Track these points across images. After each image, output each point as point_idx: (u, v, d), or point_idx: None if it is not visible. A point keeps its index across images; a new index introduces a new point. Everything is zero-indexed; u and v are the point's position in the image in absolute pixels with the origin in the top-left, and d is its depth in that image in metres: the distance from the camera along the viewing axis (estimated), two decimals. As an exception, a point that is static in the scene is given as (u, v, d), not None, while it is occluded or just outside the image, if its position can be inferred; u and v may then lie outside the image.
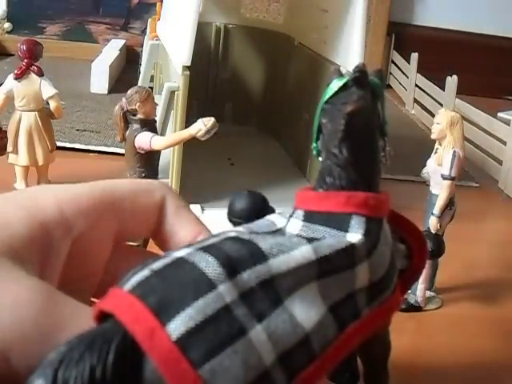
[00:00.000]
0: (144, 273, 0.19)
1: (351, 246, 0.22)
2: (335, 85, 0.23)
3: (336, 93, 0.23)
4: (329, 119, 0.23)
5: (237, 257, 0.20)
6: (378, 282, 0.23)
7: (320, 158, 0.24)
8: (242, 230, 0.22)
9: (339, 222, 0.22)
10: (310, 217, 0.23)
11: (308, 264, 0.21)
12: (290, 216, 0.23)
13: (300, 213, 0.23)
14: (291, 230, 0.22)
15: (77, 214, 0.23)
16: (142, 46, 1.28)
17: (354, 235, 0.22)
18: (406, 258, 0.26)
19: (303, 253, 0.21)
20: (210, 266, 0.19)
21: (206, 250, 0.20)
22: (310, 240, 0.21)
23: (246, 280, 0.19)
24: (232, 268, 0.19)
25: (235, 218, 0.24)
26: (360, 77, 0.23)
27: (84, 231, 0.23)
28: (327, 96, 0.24)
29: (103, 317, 0.19)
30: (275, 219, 0.23)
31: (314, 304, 0.21)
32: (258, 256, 0.20)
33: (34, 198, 0.23)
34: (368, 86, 0.23)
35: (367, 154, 0.23)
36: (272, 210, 0.25)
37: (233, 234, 0.21)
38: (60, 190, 0.24)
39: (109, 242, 0.25)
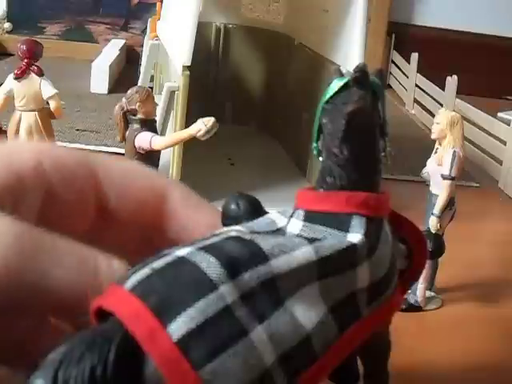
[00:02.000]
0: (144, 271, 0.19)
1: (352, 247, 0.22)
2: (336, 84, 0.23)
3: (336, 93, 0.23)
4: (329, 119, 0.23)
5: (238, 257, 0.20)
6: (379, 282, 0.23)
7: (320, 158, 0.24)
8: (242, 230, 0.22)
9: (340, 222, 0.22)
10: (310, 217, 0.23)
11: (309, 264, 0.21)
12: (291, 216, 0.23)
13: (300, 213, 0.23)
14: (292, 230, 0.22)
15: (54, 169, 0.23)
16: (142, 45, 1.28)
17: (355, 235, 0.22)
18: (406, 258, 0.26)
19: (304, 253, 0.21)
20: (211, 267, 0.19)
21: (208, 249, 0.20)
22: (310, 240, 0.21)
23: (247, 281, 0.19)
24: (233, 268, 0.19)
25: (229, 221, 0.24)
26: (360, 77, 0.23)
27: (58, 187, 0.23)
28: (328, 96, 0.24)
29: (102, 314, 0.19)
30: (276, 218, 0.23)
31: (315, 305, 0.21)
32: (260, 256, 0.20)
33: (13, 151, 0.23)
34: (369, 86, 0.23)
35: (368, 154, 0.23)
36: (266, 213, 0.25)
37: (234, 234, 0.21)
38: (43, 147, 0.24)
39: (86, 210, 0.24)
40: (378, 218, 0.23)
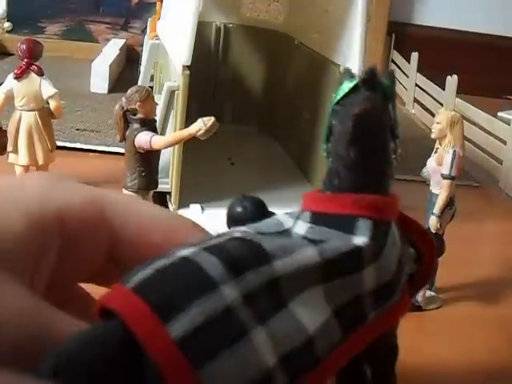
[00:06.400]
0: (148, 271, 0.19)
1: (357, 249, 0.22)
2: (346, 86, 0.23)
3: (347, 94, 0.23)
4: (338, 121, 0.23)
5: (240, 257, 0.20)
6: (385, 286, 0.23)
7: (330, 160, 0.24)
8: (248, 231, 0.22)
9: (345, 225, 0.22)
10: (316, 219, 0.23)
11: (313, 266, 0.21)
12: (297, 217, 0.23)
13: (307, 214, 0.23)
14: (298, 232, 0.22)
15: (73, 224, 0.22)
16: (142, 45, 1.28)
17: (361, 238, 0.22)
18: (416, 262, 0.26)
19: (308, 255, 0.21)
20: (213, 267, 0.19)
21: (210, 250, 0.20)
22: (315, 242, 0.21)
23: (249, 281, 0.19)
24: (235, 269, 0.19)
25: (234, 223, 0.24)
26: (369, 78, 0.23)
27: (74, 241, 0.23)
28: (338, 97, 0.23)
29: (106, 312, 0.19)
30: (283, 220, 0.23)
31: (319, 307, 0.21)
32: (262, 257, 0.20)
33: (37, 203, 0.22)
34: (378, 87, 0.23)
35: (376, 157, 0.23)
36: (272, 214, 0.25)
37: (238, 235, 0.21)
38: (63, 197, 0.23)
39: (97, 258, 0.24)
40: (386, 221, 0.23)
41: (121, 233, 0.24)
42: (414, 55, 1.52)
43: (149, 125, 0.64)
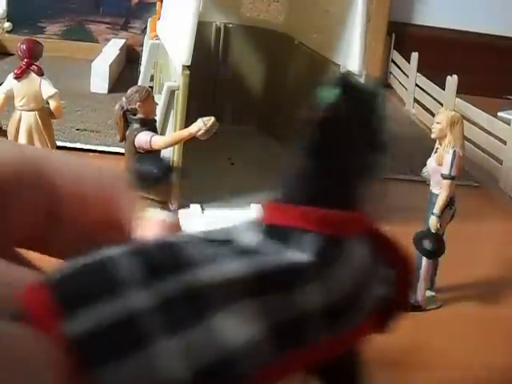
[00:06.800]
0: (73, 265, 0.19)
1: (296, 265, 0.21)
2: (326, 94, 0.22)
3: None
4: None
5: (160, 262, 0.19)
6: (336, 305, 0.21)
7: None
8: (190, 235, 0.21)
9: (291, 238, 0.21)
10: (265, 230, 0.22)
11: (242, 279, 0.20)
12: (249, 227, 0.22)
13: (258, 224, 0.22)
14: (245, 242, 0.21)
15: (4, 179, 0.22)
16: (142, 45, 1.28)
17: (303, 253, 0.21)
18: (393, 284, 0.24)
19: (238, 266, 0.20)
20: (128, 268, 0.18)
21: (135, 252, 0.19)
22: (252, 254, 0.20)
23: (166, 288, 0.18)
24: (151, 273, 0.18)
25: (142, 180, 0.24)
26: (340, 85, 0.22)
27: (8, 197, 0.22)
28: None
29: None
30: (238, 228, 0.22)
31: (249, 322, 0.19)
32: (185, 264, 0.19)
33: None
34: (352, 95, 0.22)
35: (337, 167, 0.22)
36: (169, 169, 0.24)
37: (171, 239, 0.20)
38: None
39: (35, 214, 0.24)
40: (341, 238, 0.22)
41: (60, 190, 0.23)
42: (414, 55, 1.52)
43: (149, 125, 0.64)
